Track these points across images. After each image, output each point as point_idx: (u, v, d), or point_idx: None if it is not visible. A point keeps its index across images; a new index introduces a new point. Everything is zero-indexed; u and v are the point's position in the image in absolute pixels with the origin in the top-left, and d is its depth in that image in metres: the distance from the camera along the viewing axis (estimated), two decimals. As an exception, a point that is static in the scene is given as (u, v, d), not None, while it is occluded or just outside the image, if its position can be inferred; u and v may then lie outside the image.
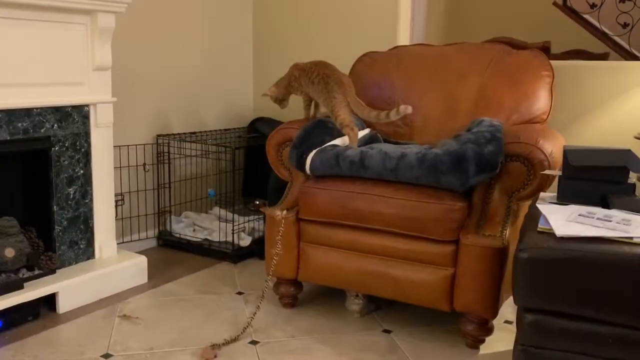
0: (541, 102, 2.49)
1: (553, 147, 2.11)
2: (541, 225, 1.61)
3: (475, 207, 2.15)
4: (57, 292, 2.39)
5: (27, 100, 2.32)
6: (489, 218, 2.12)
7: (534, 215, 1.74)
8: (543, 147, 2.06)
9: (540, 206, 1.75)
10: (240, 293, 2.67)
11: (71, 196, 2.53)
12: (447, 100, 2.64)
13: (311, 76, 2.55)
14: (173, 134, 3.30)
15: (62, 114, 2.46)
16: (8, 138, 2.28)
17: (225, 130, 3.61)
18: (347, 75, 2.58)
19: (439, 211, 2.10)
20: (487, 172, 2.07)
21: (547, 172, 2.00)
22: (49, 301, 2.39)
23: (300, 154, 2.39)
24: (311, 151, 2.38)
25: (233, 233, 3.09)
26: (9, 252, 2.29)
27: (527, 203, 2.18)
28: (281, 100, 2.73)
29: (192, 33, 3.44)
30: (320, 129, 2.48)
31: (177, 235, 3.25)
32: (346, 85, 2.48)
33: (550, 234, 1.56)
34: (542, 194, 1.97)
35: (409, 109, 2.28)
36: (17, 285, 2.28)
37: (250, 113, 3.87)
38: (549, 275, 1.49)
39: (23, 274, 2.35)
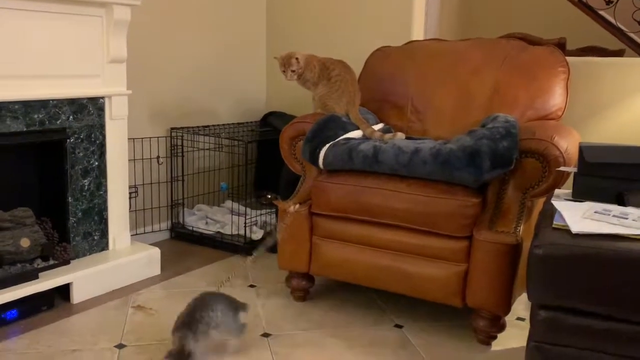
0: (556, 98, 2.48)
1: (568, 144, 2.09)
2: (556, 222, 1.60)
3: (489, 203, 2.15)
4: (71, 283, 2.41)
5: (43, 92, 2.34)
6: (503, 214, 2.11)
7: (549, 211, 1.73)
8: (558, 144, 2.05)
9: (556, 203, 1.74)
10: (252, 286, 2.68)
11: (86, 188, 2.55)
12: (461, 96, 2.63)
13: (330, 71, 2.59)
14: (187, 127, 3.31)
15: (78, 105, 2.47)
16: (24, 129, 2.30)
17: (238, 124, 3.61)
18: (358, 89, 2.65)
19: (452, 207, 2.09)
20: (501, 168, 2.06)
21: (562, 168, 1.99)
22: (63, 291, 2.41)
23: (314, 148, 2.39)
24: (324, 145, 2.38)
25: (245, 226, 3.10)
26: (25, 242, 2.32)
27: (541, 200, 2.17)
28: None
29: (206, 27, 3.45)
30: (333, 123, 2.48)
31: (190, 228, 3.27)
32: (357, 100, 2.60)
33: (565, 230, 1.55)
34: (556, 191, 1.96)
35: (403, 137, 2.43)
36: (32, 275, 2.30)
37: (263, 107, 3.87)
38: (563, 272, 1.48)
39: (38, 264, 2.37)
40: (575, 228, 1.54)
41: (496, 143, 2.06)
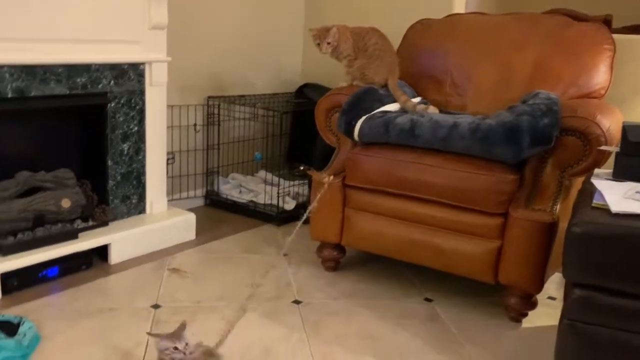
0: (600, 76, 2.42)
1: (611, 123, 2.05)
2: (596, 201, 1.58)
3: (526, 180, 2.12)
4: (110, 244, 2.48)
5: (86, 56, 2.38)
6: (540, 192, 2.09)
7: (588, 190, 1.71)
8: (600, 123, 2.01)
9: (596, 182, 1.72)
10: (284, 255, 2.72)
11: (125, 152, 2.60)
12: (501, 71, 2.59)
13: (367, 41, 2.56)
14: (223, 96, 3.33)
15: (119, 71, 2.51)
16: (68, 92, 2.35)
17: (274, 94, 3.62)
18: (396, 56, 2.63)
19: (489, 183, 2.07)
20: (541, 145, 2.03)
21: (603, 147, 1.95)
22: (101, 252, 2.48)
23: (349, 120, 2.39)
24: (360, 118, 2.37)
25: (278, 196, 3.13)
26: (65, 203, 2.38)
27: (580, 179, 2.14)
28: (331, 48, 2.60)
29: (245, -5, 3.45)
30: (369, 96, 2.47)
31: (224, 196, 3.32)
32: (396, 68, 2.59)
33: (604, 209, 1.53)
34: (596, 170, 1.93)
35: (437, 111, 2.45)
36: (73, 235, 2.38)
37: (299, 78, 3.87)
38: (601, 251, 1.47)
39: (78, 225, 2.44)
40: (615, 207, 1.51)
41: (537, 120, 2.02)
